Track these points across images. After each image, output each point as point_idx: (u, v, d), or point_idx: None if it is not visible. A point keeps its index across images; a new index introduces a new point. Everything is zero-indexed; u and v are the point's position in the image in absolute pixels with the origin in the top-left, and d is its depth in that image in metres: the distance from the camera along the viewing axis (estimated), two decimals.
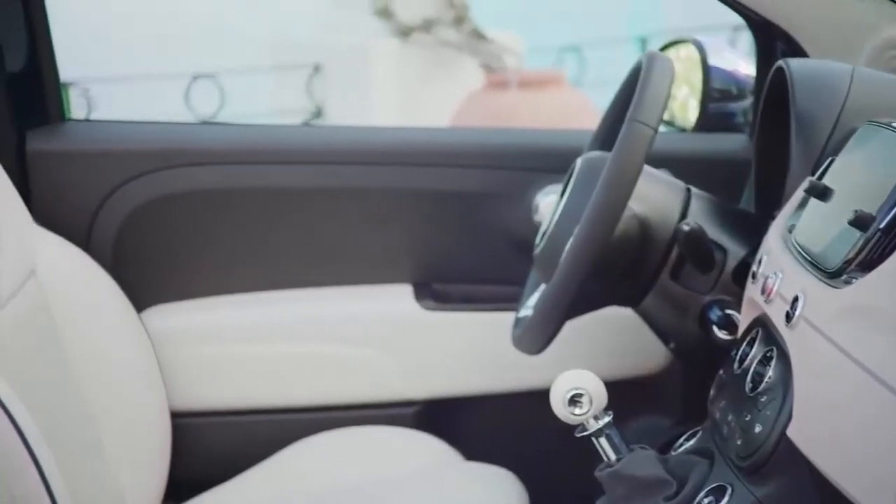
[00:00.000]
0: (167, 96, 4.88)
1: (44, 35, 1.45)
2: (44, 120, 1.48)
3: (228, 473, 1.43)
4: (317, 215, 1.52)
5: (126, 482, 1.31)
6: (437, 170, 1.54)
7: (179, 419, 1.47)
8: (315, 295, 1.54)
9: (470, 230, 1.56)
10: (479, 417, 1.56)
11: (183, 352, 1.49)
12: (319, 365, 1.53)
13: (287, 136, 1.69)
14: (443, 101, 4.84)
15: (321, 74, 5.55)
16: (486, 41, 5.12)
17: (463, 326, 1.55)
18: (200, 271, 1.52)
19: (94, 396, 1.31)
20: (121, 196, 1.46)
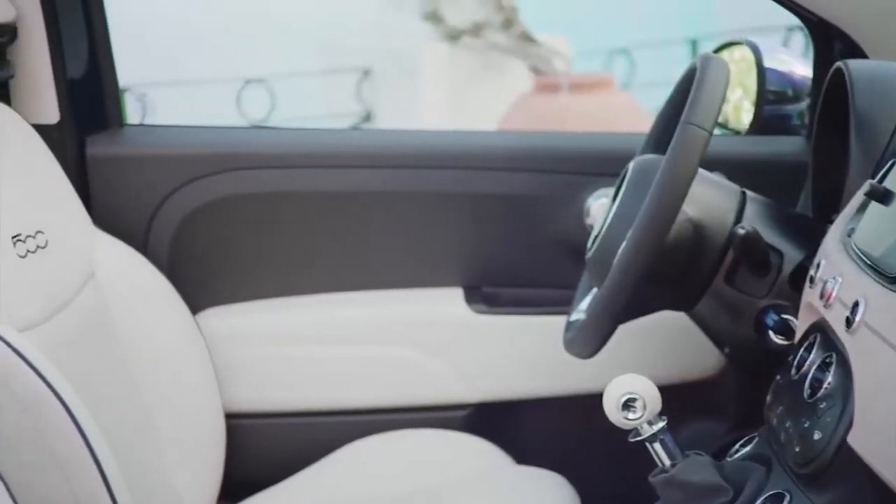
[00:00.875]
0: (219, 101, 4.95)
1: (104, 42, 1.48)
2: (103, 125, 1.50)
3: (282, 474, 1.45)
4: (367, 219, 1.53)
5: (182, 482, 1.33)
6: (487, 173, 1.54)
7: (234, 420, 1.49)
8: (366, 298, 1.55)
9: (521, 234, 1.55)
10: (530, 421, 1.56)
11: (237, 354, 1.51)
12: (371, 367, 1.54)
13: (338, 139, 1.71)
14: (491, 105, 4.84)
15: (371, 78, 5.58)
16: (534, 44, 5.12)
17: (514, 330, 1.54)
18: (254, 274, 1.53)
19: (152, 398, 1.33)
20: (177, 199, 1.48)
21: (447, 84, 5.35)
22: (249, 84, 5.07)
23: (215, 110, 4.74)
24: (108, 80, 1.50)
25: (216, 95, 4.95)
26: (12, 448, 0.96)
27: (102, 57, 1.48)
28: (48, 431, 0.99)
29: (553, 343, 1.34)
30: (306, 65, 5.67)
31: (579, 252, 1.33)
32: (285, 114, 5.10)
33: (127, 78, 1.56)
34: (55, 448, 0.99)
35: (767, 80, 1.51)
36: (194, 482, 1.36)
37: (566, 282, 1.44)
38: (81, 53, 1.44)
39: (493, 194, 1.53)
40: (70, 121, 1.40)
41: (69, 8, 1.40)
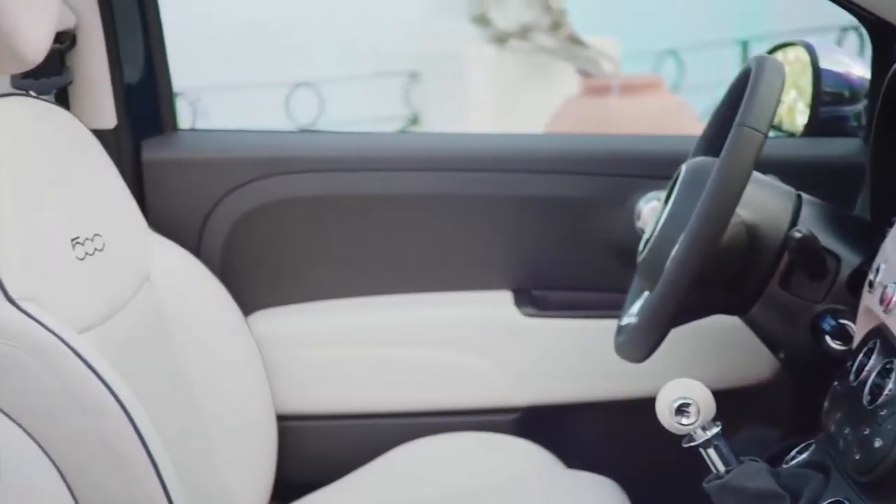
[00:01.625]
0: (268, 104, 5.00)
1: (159, 47, 1.50)
2: (158, 129, 1.53)
3: (332, 476, 1.45)
4: (417, 221, 1.54)
5: (235, 483, 1.35)
6: (536, 176, 1.54)
7: (285, 422, 1.50)
8: (416, 300, 1.56)
9: (570, 237, 1.55)
10: (580, 425, 1.55)
11: (287, 356, 1.52)
12: (420, 370, 1.54)
13: (386, 143, 1.71)
14: (539, 108, 4.83)
15: (418, 82, 5.60)
16: (582, 46, 5.10)
17: (563, 333, 1.54)
18: (304, 276, 1.55)
19: (205, 399, 1.35)
20: (229, 202, 1.50)
21: (494, 87, 5.35)
22: (298, 88, 5.12)
23: (264, 114, 4.78)
24: (162, 84, 1.53)
25: (265, 99, 5.00)
26: (72, 448, 0.98)
27: (157, 62, 1.51)
28: (107, 432, 1.01)
29: (603, 347, 1.33)
30: (354, 69, 5.71)
31: (629, 255, 1.32)
32: (333, 117, 5.14)
33: (179, 82, 1.58)
34: (113, 448, 1.01)
35: (823, 82, 1.48)
36: (247, 483, 1.38)
37: (616, 285, 1.43)
38: (137, 59, 1.47)
39: (542, 197, 1.53)
40: (126, 125, 1.43)
41: (126, 14, 1.42)
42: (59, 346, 1.00)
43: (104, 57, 1.38)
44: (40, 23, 1.08)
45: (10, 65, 1.07)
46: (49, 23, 1.11)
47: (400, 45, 5.86)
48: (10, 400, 0.88)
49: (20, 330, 1.00)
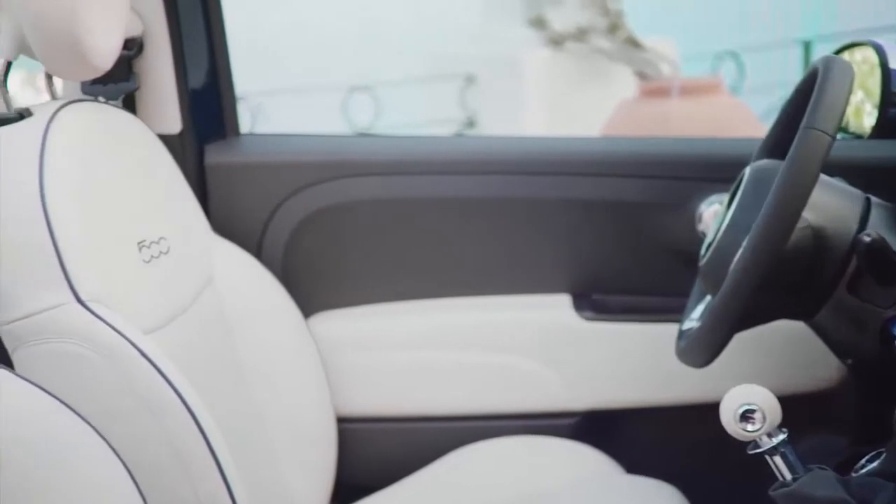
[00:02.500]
0: (325, 108, 5.04)
1: (223, 53, 1.52)
2: (221, 134, 1.55)
3: (391, 478, 1.46)
4: (473, 224, 1.54)
5: (296, 484, 1.36)
6: (595, 179, 1.53)
7: (344, 424, 1.51)
8: (473, 304, 1.56)
9: (629, 240, 1.54)
10: (640, 430, 1.54)
11: (347, 358, 1.53)
12: (479, 374, 1.54)
13: (444, 147, 1.72)
14: (595, 110, 4.80)
15: (474, 85, 5.60)
16: (640, 48, 5.05)
17: (623, 337, 1.53)
18: (364, 278, 1.55)
19: (266, 400, 1.36)
20: (290, 206, 1.51)
21: (550, 90, 5.33)
22: (355, 91, 5.15)
23: (322, 118, 4.83)
24: (225, 89, 1.55)
25: (322, 103, 5.05)
26: (138, 447, 0.99)
27: (221, 67, 1.53)
28: (172, 432, 1.02)
29: (664, 351, 1.32)
30: (410, 72, 5.74)
31: (690, 259, 1.31)
32: (389, 121, 5.17)
33: (239, 87, 1.60)
34: (178, 448, 1.03)
35: (892, 82, 1.45)
36: (307, 484, 1.39)
37: (676, 289, 1.41)
38: (202, 64, 1.49)
39: (601, 200, 1.52)
40: (190, 130, 1.45)
41: (192, 21, 1.45)
42: (127, 346, 1.02)
43: (170, 63, 1.40)
44: (110, 31, 1.10)
45: (82, 71, 1.10)
46: (118, 30, 1.13)
47: (456, 48, 5.87)
48: (80, 400, 0.90)
49: (89, 330, 1.02)
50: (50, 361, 1.02)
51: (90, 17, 1.06)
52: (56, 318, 1.03)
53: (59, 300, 1.03)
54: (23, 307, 1.03)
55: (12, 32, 1.08)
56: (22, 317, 1.03)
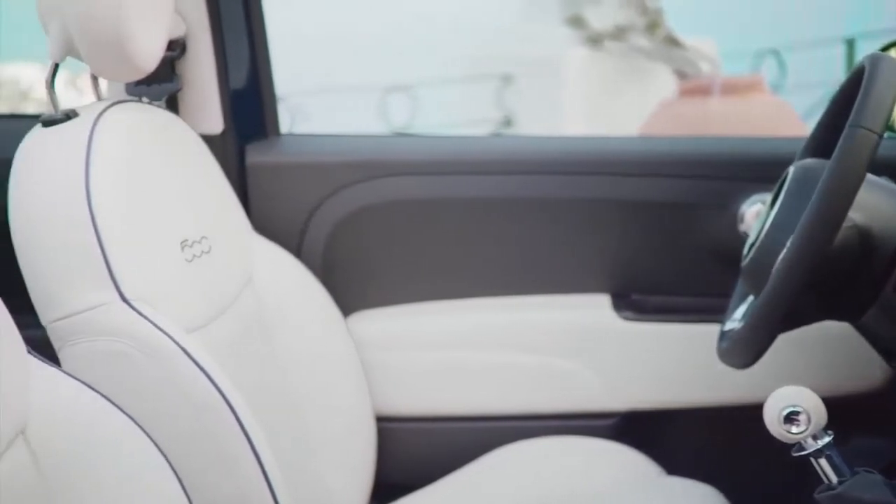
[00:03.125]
0: (363, 108, 5.06)
1: (264, 53, 1.54)
2: (262, 134, 1.56)
3: (428, 478, 1.46)
4: (512, 224, 1.53)
5: (335, 483, 1.37)
6: (635, 179, 1.52)
7: (383, 423, 1.51)
8: (513, 303, 1.55)
9: (670, 240, 1.53)
10: (681, 431, 1.53)
11: (386, 357, 1.54)
12: (517, 373, 1.54)
13: (483, 146, 1.72)
14: (634, 110, 4.77)
15: (511, 85, 5.60)
16: (680, 47, 5.01)
17: (663, 338, 1.52)
18: (402, 278, 1.56)
19: (305, 399, 1.37)
20: (330, 205, 1.52)
21: (588, 89, 5.30)
22: (393, 91, 5.17)
23: (360, 117, 4.85)
24: (266, 90, 1.56)
25: (360, 103, 5.07)
26: (182, 445, 1.00)
27: (262, 68, 1.54)
28: (215, 431, 1.03)
29: (705, 352, 1.30)
30: (447, 72, 5.74)
31: (731, 259, 1.30)
32: (426, 121, 5.18)
33: (278, 87, 1.61)
34: (222, 448, 1.03)
35: None
36: (346, 483, 1.39)
37: (717, 290, 1.40)
38: (243, 65, 1.50)
39: (641, 201, 1.51)
40: (232, 130, 1.46)
41: (233, 22, 1.46)
42: (170, 345, 1.03)
43: (212, 64, 1.41)
44: (155, 32, 1.12)
45: (127, 72, 1.11)
46: (162, 32, 1.14)
47: (493, 48, 5.87)
48: (124, 398, 0.91)
49: (134, 329, 1.03)
50: (95, 360, 1.03)
51: (135, 19, 1.07)
52: (101, 316, 1.04)
53: (104, 299, 1.04)
54: (68, 306, 1.04)
55: (60, 35, 1.09)
56: (68, 315, 1.04)
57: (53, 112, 1.11)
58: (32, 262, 1.05)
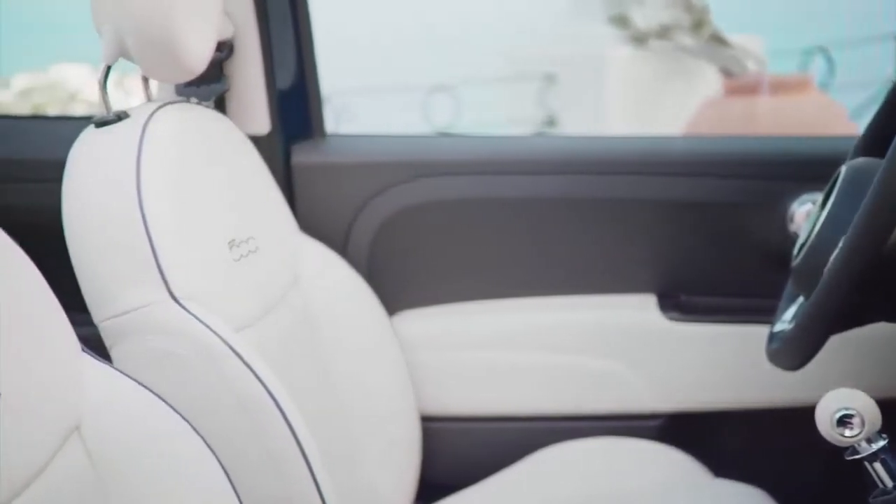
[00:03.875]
0: (406, 108, 5.08)
1: (310, 54, 1.55)
2: (308, 134, 1.57)
3: (473, 478, 1.46)
4: (557, 224, 1.53)
5: (380, 482, 1.37)
6: (680, 179, 1.51)
7: (427, 423, 1.52)
8: (558, 303, 1.55)
9: (717, 240, 1.51)
10: (729, 433, 1.51)
11: (430, 356, 1.54)
12: (562, 374, 1.53)
13: (528, 146, 1.71)
14: (679, 109, 4.73)
15: (555, 84, 5.58)
16: (726, 45, 4.96)
17: (711, 339, 1.50)
18: (447, 278, 1.56)
19: (351, 399, 1.38)
20: (375, 205, 1.53)
21: (632, 88, 5.27)
22: (435, 91, 5.17)
23: (403, 117, 4.86)
24: (312, 90, 1.57)
25: (403, 102, 5.08)
26: (230, 443, 1.01)
27: (308, 69, 1.55)
28: (263, 431, 1.04)
29: (754, 353, 1.29)
30: (490, 72, 5.74)
31: (780, 260, 1.28)
32: (469, 120, 5.18)
33: (323, 87, 1.62)
34: (269, 447, 1.04)
35: None
36: (391, 482, 1.40)
37: (766, 290, 1.38)
38: (290, 66, 1.51)
39: (688, 201, 1.50)
40: (278, 130, 1.47)
41: (280, 23, 1.47)
42: (219, 344, 1.04)
43: (259, 65, 1.43)
44: (204, 34, 1.13)
45: (177, 74, 1.13)
46: (212, 34, 1.16)
47: (536, 47, 5.85)
48: (173, 396, 0.92)
49: (183, 328, 1.05)
50: (145, 358, 1.05)
51: (186, 21, 1.08)
52: (151, 315, 1.05)
53: (154, 298, 1.05)
54: (119, 304, 1.06)
55: (113, 38, 1.11)
56: (119, 314, 1.06)
57: (105, 113, 1.13)
58: (84, 260, 1.07)
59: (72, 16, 1.45)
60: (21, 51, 6.47)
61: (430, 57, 5.64)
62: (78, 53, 5.69)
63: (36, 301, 0.78)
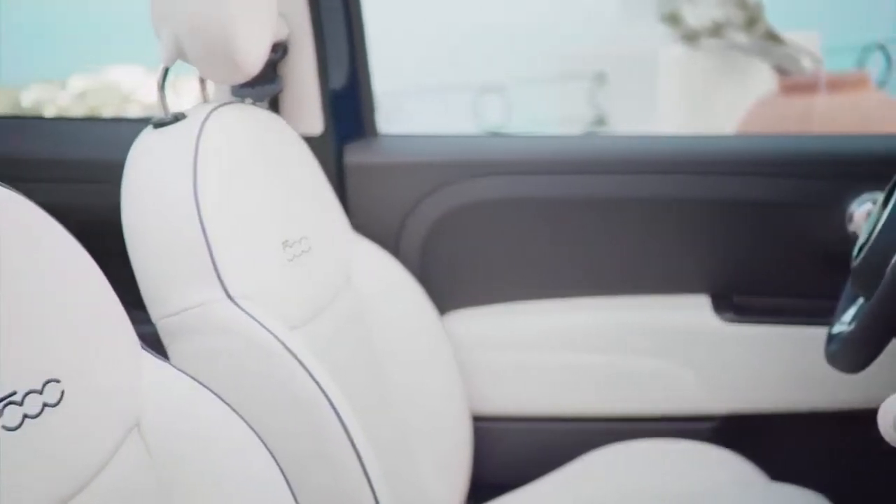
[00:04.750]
0: (456, 107, 5.08)
1: (363, 54, 1.55)
2: (360, 134, 1.58)
3: (524, 478, 1.46)
4: (609, 224, 1.52)
5: (432, 482, 1.37)
6: (733, 178, 1.49)
7: (478, 423, 1.52)
8: (609, 304, 1.54)
9: (773, 240, 1.49)
10: (785, 436, 1.49)
11: (480, 356, 1.54)
12: (613, 374, 1.52)
13: (579, 146, 1.70)
14: (731, 108, 4.67)
15: (605, 83, 5.55)
16: (780, 43, 4.88)
17: (767, 340, 1.48)
18: (498, 277, 1.56)
19: (402, 398, 1.38)
20: (426, 205, 1.53)
21: (684, 87, 5.22)
22: (486, 91, 5.17)
23: (454, 117, 4.86)
24: (364, 90, 1.58)
25: (454, 102, 5.09)
26: (284, 443, 1.01)
27: (361, 69, 1.56)
28: (316, 429, 1.04)
29: (811, 355, 1.27)
30: (541, 71, 5.72)
31: (838, 260, 1.26)
32: (519, 120, 5.17)
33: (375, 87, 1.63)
34: (322, 445, 1.05)
35: None
36: (443, 482, 1.40)
37: (824, 291, 1.36)
38: (343, 66, 1.52)
39: (742, 200, 1.48)
40: (331, 131, 1.48)
41: (334, 24, 1.48)
42: (274, 342, 1.05)
43: (313, 65, 1.44)
44: (260, 36, 1.14)
45: (233, 75, 1.14)
46: (267, 35, 1.17)
47: (586, 46, 5.82)
48: (231, 394, 0.93)
49: (239, 326, 1.05)
50: (201, 356, 1.06)
51: (242, 23, 1.09)
52: (207, 313, 1.06)
53: (211, 297, 1.06)
54: (176, 303, 1.07)
55: (171, 41, 1.12)
56: (175, 312, 1.07)
57: (163, 114, 1.14)
58: (143, 259, 1.08)
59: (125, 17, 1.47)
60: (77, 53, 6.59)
61: (481, 57, 5.64)
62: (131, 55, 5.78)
63: (98, 298, 0.80)
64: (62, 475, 0.71)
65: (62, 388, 0.71)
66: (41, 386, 0.69)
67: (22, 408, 0.67)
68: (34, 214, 0.75)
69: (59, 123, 1.86)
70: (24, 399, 0.68)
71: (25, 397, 0.68)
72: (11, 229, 0.73)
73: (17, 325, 0.70)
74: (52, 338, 0.72)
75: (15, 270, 0.71)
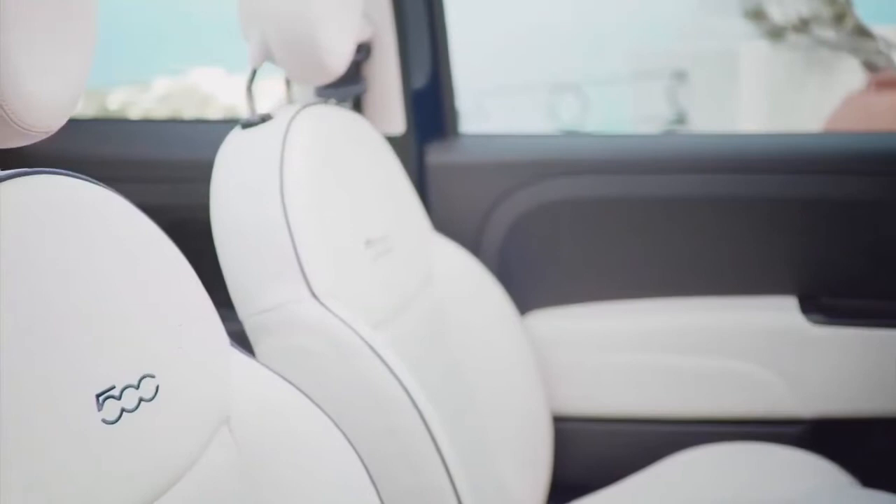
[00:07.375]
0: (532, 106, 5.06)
1: (444, 55, 1.56)
2: (441, 134, 1.58)
3: (605, 479, 1.44)
4: (690, 224, 1.50)
5: (512, 482, 1.37)
6: (821, 177, 1.46)
7: (559, 423, 1.51)
8: (693, 305, 1.51)
9: (864, 241, 1.45)
10: (879, 441, 1.45)
11: (561, 356, 1.53)
12: (697, 376, 1.50)
13: (660, 145, 1.68)
14: (818, 105, 4.56)
15: (685, 81, 5.46)
16: (869, 38, 4.74)
17: (856, 343, 1.44)
18: (578, 277, 1.55)
19: (482, 397, 1.38)
20: (506, 204, 1.53)
21: (768, 84, 5.11)
22: (561, 89, 5.14)
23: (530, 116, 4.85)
24: (445, 90, 1.58)
25: (530, 101, 5.07)
26: (366, 440, 1.02)
27: (442, 69, 1.56)
28: (399, 427, 1.05)
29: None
30: (617, 70, 5.67)
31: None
32: (596, 119, 5.13)
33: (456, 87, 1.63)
34: (405, 443, 1.05)
35: None
36: (523, 481, 1.39)
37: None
38: (424, 67, 1.53)
39: (830, 199, 1.45)
40: (413, 130, 1.49)
41: (416, 24, 1.49)
42: (357, 341, 1.06)
43: (396, 66, 1.45)
44: (345, 37, 1.15)
45: (319, 76, 1.15)
46: (352, 37, 1.18)
47: (664, 43, 5.75)
48: (315, 392, 0.94)
49: (322, 325, 1.06)
50: (286, 354, 1.07)
51: (329, 25, 1.11)
52: (292, 312, 1.07)
53: (296, 295, 1.08)
54: (263, 301, 1.08)
55: (259, 42, 1.14)
56: (262, 310, 1.08)
57: (251, 115, 1.16)
58: (230, 257, 1.10)
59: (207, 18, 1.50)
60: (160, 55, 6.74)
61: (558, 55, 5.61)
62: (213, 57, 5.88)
63: (189, 296, 0.81)
64: (157, 469, 0.72)
65: (157, 383, 0.73)
66: (137, 381, 0.71)
67: (120, 402, 0.69)
68: (131, 214, 0.77)
69: (146, 125, 1.90)
70: (122, 393, 0.69)
71: (123, 392, 0.69)
72: (110, 228, 0.74)
73: (114, 320, 0.71)
74: (146, 333, 0.74)
75: (112, 268, 0.73)
